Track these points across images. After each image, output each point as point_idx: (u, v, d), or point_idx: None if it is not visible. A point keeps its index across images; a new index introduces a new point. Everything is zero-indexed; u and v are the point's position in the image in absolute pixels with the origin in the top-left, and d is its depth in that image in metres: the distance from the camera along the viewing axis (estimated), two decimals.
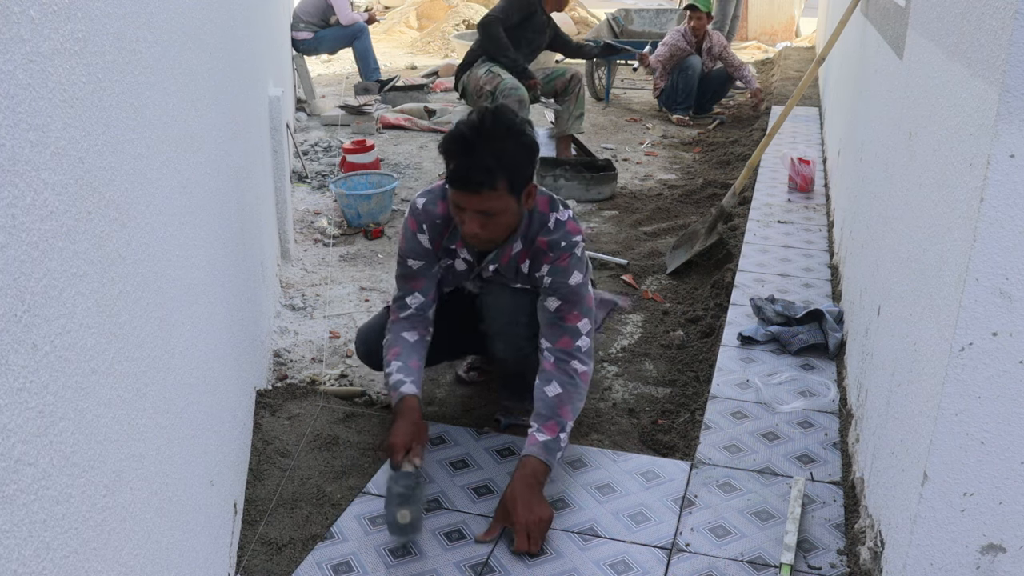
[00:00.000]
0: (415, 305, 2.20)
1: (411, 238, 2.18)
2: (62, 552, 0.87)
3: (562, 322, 2.09)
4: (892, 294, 1.89)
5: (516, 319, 2.18)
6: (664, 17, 8.12)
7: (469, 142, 1.93)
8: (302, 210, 4.35)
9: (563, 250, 2.08)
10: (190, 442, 1.46)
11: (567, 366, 2.06)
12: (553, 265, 2.08)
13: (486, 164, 1.91)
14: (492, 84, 4.69)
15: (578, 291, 2.09)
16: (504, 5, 4.83)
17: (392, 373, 2.11)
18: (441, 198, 2.16)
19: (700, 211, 4.36)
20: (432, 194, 2.18)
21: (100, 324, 1.02)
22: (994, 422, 1.34)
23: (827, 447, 2.24)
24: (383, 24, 10.13)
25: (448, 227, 2.16)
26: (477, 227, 1.98)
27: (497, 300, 2.20)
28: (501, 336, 2.22)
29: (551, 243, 2.08)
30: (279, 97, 3.44)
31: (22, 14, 0.81)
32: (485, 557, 1.86)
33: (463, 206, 1.98)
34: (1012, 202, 1.24)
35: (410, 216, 2.18)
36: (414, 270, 2.19)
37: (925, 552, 1.44)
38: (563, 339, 2.08)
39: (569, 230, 2.10)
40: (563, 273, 2.08)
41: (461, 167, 1.93)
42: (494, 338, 2.24)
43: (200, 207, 1.67)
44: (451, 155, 1.96)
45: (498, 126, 1.96)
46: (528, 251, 2.11)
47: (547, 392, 2.04)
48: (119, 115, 1.13)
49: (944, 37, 1.61)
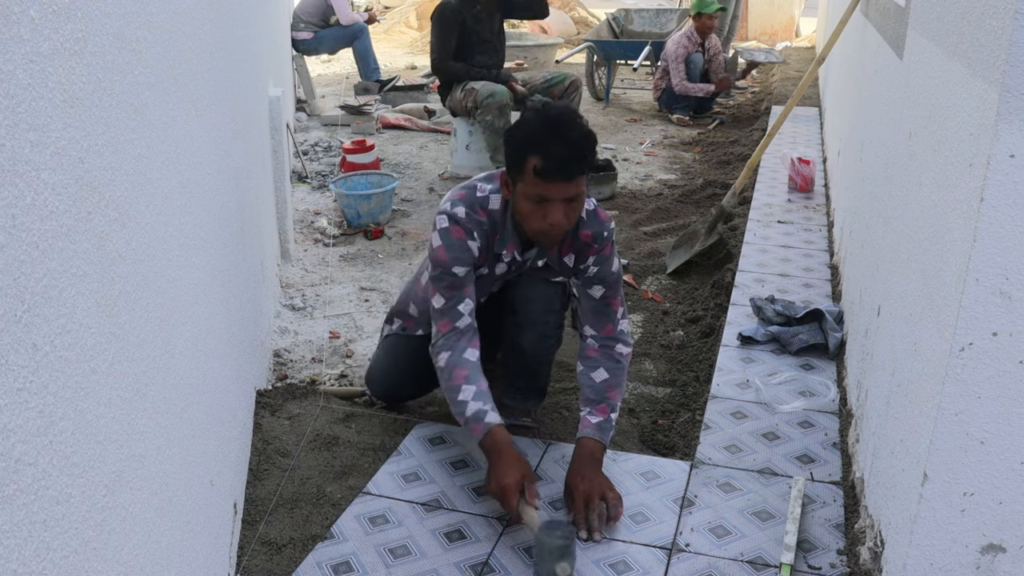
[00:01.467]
0: (467, 311, 2.08)
1: (459, 247, 2.05)
2: (62, 552, 0.87)
3: (607, 308, 2.16)
4: (892, 294, 1.89)
5: (551, 307, 2.21)
6: (664, 17, 8.11)
7: (556, 132, 1.89)
8: (302, 210, 4.35)
9: (605, 240, 2.13)
10: (190, 442, 1.46)
11: (612, 351, 2.15)
12: (599, 255, 2.13)
13: (578, 149, 1.90)
14: (471, 99, 4.68)
15: (619, 277, 2.17)
16: (436, 39, 4.67)
17: (468, 401, 1.99)
18: (481, 206, 2.08)
19: (700, 211, 4.36)
20: (467, 202, 2.08)
21: (100, 324, 1.02)
22: (994, 422, 1.34)
23: (827, 447, 2.24)
24: (383, 24, 10.13)
25: (496, 233, 2.11)
26: (562, 216, 1.94)
27: (530, 291, 2.22)
28: (534, 326, 2.23)
29: (595, 235, 2.11)
30: (279, 97, 3.44)
31: (22, 14, 0.81)
32: (485, 557, 1.86)
33: (551, 197, 1.91)
34: (1012, 202, 1.24)
35: (453, 226, 2.05)
36: (460, 277, 2.07)
37: (925, 552, 1.44)
38: (607, 326, 2.17)
39: (602, 218, 2.14)
40: (608, 262, 2.14)
41: (557, 157, 1.87)
42: (524, 328, 2.24)
43: (200, 207, 1.67)
44: (538, 148, 1.88)
45: (565, 112, 1.96)
46: (571, 244, 2.13)
47: (594, 379, 2.12)
48: (119, 115, 1.13)
49: (944, 37, 1.61)
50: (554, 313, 2.25)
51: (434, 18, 4.68)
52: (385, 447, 2.28)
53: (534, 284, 2.22)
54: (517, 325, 2.25)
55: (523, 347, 2.27)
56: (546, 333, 2.25)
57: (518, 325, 2.25)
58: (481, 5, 4.68)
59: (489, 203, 2.08)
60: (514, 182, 1.97)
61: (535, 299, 2.22)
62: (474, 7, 4.65)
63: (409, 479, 2.13)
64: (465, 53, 4.71)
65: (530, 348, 2.26)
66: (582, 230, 2.10)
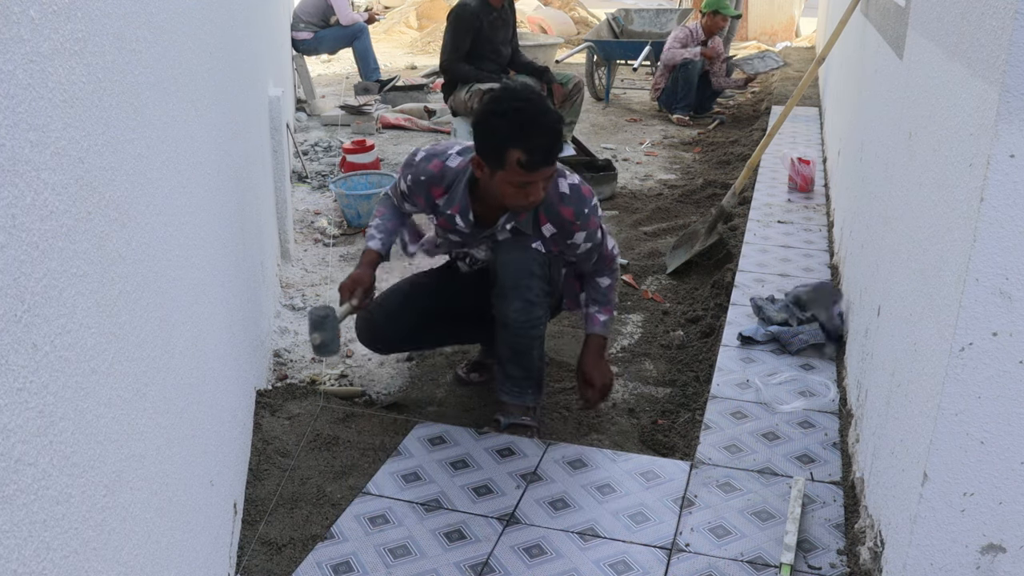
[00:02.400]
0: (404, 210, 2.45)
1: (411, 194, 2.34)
2: (62, 552, 0.87)
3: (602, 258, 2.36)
4: (892, 294, 1.89)
5: (530, 270, 2.21)
6: (664, 17, 8.10)
7: (534, 124, 2.02)
8: (302, 210, 4.35)
9: (588, 216, 2.21)
10: (190, 442, 1.46)
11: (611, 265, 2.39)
12: (587, 231, 2.23)
13: (555, 136, 2.05)
14: (476, 99, 4.66)
15: (605, 240, 2.34)
16: (449, 39, 4.68)
17: (369, 227, 2.41)
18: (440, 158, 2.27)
19: (700, 211, 4.36)
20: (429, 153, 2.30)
21: (100, 324, 1.02)
22: (994, 422, 1.34)
23: (827, 447, 2.24)
24: (383, 24, 10.12)
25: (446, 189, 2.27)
26: (542, 192, 2.10)
27: (507, 256, 2.23)
28: (516, 291, 2.21)
29: (576, 213, 2.20)
30: (279, 97, 3.44)
31: (22, 14, 0.81)
32: (485, 557, 1.86)
33: (534, 180, 2.06)
34: (1012, 202, 1.24)
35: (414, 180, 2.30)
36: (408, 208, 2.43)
37: (925, 552, 1.44)
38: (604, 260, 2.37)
39: (585, 194, 2.23)
40: (594, 234, 2.27)
41: (540, 149, 2.01)
42: (507, 297, 2.21)
43: (200, 207, 1.67)
44: (522, 142, 2.00)
45: (532, 98, 2.09)
46: (550, 217, 2.20)
47: (600, 283, 2.38)
48: (119, 115, 1.13)
49: (944, 37, 1.61)
50: (536, 278, 2.22)
51: (450, 18, 4.70)
52: (385, 447, 2.28)
53: (511, 249, 2.23)
54: (500, 296, 2.23)
55: (508, 319, 2.23)
56: (529, 299, 2.21)
57: (501, 296, 2.23)
58: (497, 12, 4.72)
59: (448, 160, 2.25)
60: (493, 170, 2.08)
61: (511, 263, 2.22)
62: (491, 14, 4.70)
63: (409, 479, 2.13)
64: (474, 57, 4.71)
65: (515, 319, 2.21)
66: (563, 207, 2.18)
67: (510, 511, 2.01)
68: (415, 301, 2.49)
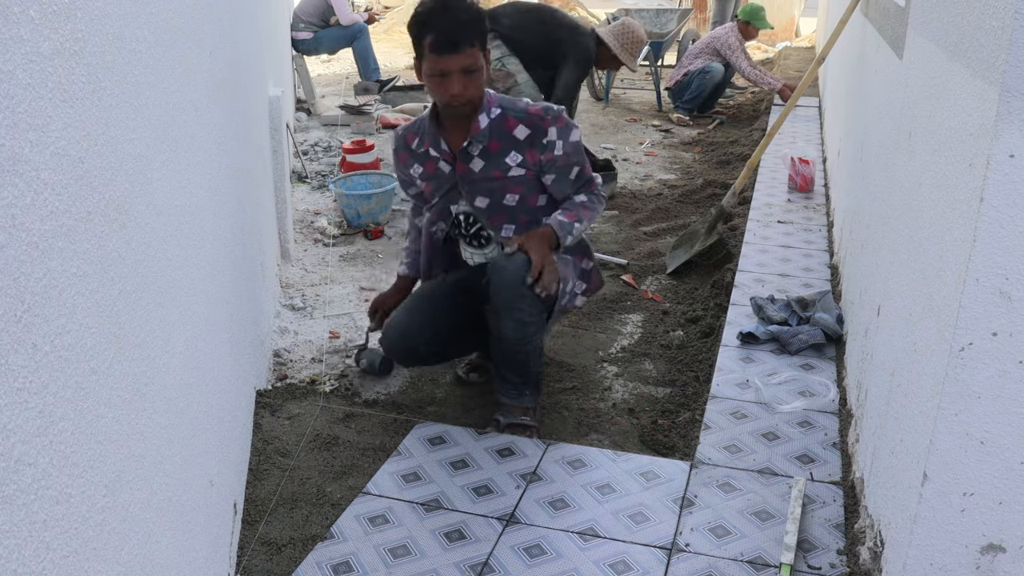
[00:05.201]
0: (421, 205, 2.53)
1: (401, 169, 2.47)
2: (62, 552, 0.87)
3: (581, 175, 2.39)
4: (892, 294, 1.89)
5: (520, 292, 2.21)
6: (664, 17, 8.10)
7: (444, 9, 2.14)
8: (302, 210, 4.35)
9: (557, 112, 2.31)
10: (190, 442, 1.46)
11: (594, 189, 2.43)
12: (559, 128, 2.30)
13: (464, 22, 2.14)
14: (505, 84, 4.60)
15: (580, 148, 2.37)
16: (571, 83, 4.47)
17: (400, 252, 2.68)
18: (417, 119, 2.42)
19: (700, 211, 4.36)
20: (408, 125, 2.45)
21: (100, 324, 1.02)
22: (994, 422, 1.34)
23: (827, 447, 2.24)
24: (383, 24, 10.12)
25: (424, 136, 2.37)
26: (461, 87, 2.18)
27: (499, 278, 2.23)
28: (509, 312, 2.23)
29: (545, 108, 2.31)
30: (279, 97, 3.44)
31: (22, 14, 0.81)
32: (485, 557, 1.86)
33: (448, 70, 2.15)
34: (1012, 202, 1.24)
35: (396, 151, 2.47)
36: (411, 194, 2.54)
37: (925, 552, 1.44)
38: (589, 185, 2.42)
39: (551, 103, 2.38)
40: (567, 131, 2.32)
41: (445, 31, 2.12)
42: (501, 317, 2.25)
43: (200, 207, 1.67)
44: (429, 25, 2.14)
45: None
46: (519, 119, 2.30)
47: (576, 199, 2.40)
48: (119, 115, 1.13)
49: (944, 37, 1.61)
50: (526, 299, 2.22)
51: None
52: (385, 447, 2.28)
53: (502, 269, 2.22)
54: (494, 314, 2.29)
55: (502, 336, 2.29)
56: (522, 319, 2.25)
57: (495, 314, 2.28)
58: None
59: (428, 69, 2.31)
60: (419, 64, 2.22)
61: (504, 286, 2.22)
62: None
63: (409, 479, 2.13)
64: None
65: (509, 335, 2.27)
66: (530, 107, 2.32)
67: (510, 511, 2.02)
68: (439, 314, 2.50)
